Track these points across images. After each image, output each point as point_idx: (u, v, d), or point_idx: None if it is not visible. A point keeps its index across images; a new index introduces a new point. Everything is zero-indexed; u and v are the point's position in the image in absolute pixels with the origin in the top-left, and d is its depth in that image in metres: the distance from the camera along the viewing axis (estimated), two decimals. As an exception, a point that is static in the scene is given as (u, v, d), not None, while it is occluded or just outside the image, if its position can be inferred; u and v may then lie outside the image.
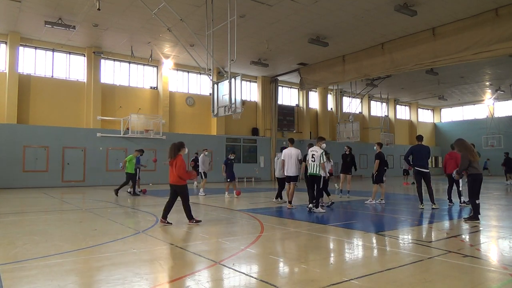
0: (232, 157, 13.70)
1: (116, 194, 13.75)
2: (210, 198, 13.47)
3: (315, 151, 9.25)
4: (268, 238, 6.23)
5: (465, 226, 7.35)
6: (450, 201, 10.65)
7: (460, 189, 10.68)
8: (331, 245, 5.90)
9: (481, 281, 4.00)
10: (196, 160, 17.52)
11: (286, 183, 10.45)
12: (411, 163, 10.07)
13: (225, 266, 4.44)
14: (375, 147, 11.64)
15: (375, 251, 5.43)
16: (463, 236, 6.40)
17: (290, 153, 10.07)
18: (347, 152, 13.53)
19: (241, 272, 4.21)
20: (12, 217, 8.73)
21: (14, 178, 18.26)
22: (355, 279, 3.94)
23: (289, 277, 4.16)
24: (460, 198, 10.67)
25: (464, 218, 8.01)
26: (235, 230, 7.04)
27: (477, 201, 7.68)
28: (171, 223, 7.32)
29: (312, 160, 9.21)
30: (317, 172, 9.21)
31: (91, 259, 4.86)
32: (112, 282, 3.86)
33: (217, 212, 9.67)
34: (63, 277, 4.04)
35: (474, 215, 7.70)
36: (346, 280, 3.88)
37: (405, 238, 6.32)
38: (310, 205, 9.28)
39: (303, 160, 10.11)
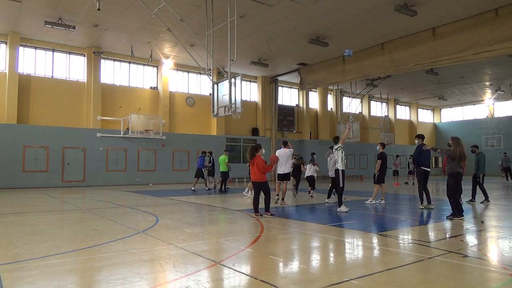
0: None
1: (224, 191, 15.62)
2: (210, 198, 13.47)
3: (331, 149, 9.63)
4: (268, 238, 6.23)
5: (465, 226, 7.36)
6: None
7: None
8: (331, 245, 5.90)
9: (481, 281, 4.00)
10: (210, 162, 17.64)
11: (279, 181, 11.15)
12: (417, 163, 10.09)
13: (225, 266, 4.44)
14: (378, 147, 11.74)
15: (375, 251, 5.43)
16: (463, 236, 6.40)
17: (284, 154, 10.93)
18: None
19: (241, 272, 4.21)
20: (12, 217, 8.73)
21: (14, 178, 18.26)
22: (355, 279, 3.94)
23: (289, 277, 4.16)
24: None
25: (447, 216, 8.13)
26: (235, 230, 7.04)
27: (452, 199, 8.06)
28: (262, 215, 8.31)
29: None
30: (336, 166, 9.59)
31: (91, 259, 4.86)
32: (112, 282, 3.86)
33: (217, 212, 9.67)
34: (63, 277, 4.04)
35: (459, 212, 7.89)
36: (346, 280, 3.88)
37: (405, 238, 6.32)
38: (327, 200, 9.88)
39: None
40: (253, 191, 9.41)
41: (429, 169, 10.12)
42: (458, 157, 8.00)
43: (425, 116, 41.20)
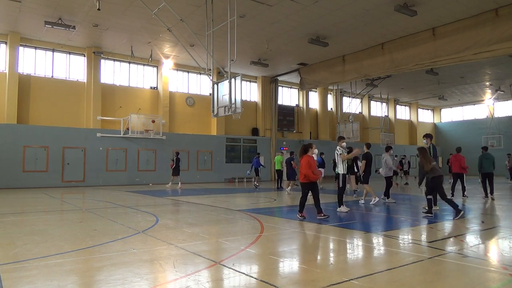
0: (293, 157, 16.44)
1: (280, 187, 17.54)
2: (209, 197, 13.47)
3: (337, 150, 9.61)
4: (268, 238, 6.23)
5: (465, 226, 7.36)
6: (453, 195, 12.46)
7: (465, 185, 12.92)
8: (331, 245, 5.90)
9: (481, 281, 4.00)
10: (176, 161, 18.72)
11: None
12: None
13: (225, 266, 4.44)
14: (364, 148, 11.78)
15: (375, 251, 5.43)
16: (463, 236, 6.40)
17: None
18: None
19: (241, 272, 4.21)
20: (12, 217, 8.73)
21: (14, 178, 18.25)
22: (355, 279, 3.94)
23: (289, 277, 4.16)
24: (463, 192, 12.81)
25: (423, 211, 8.94)
26: (235, 230, 7.04)
27: (428, 197, 8.89)
28: (305, 217, 8.10)
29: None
30: (337, 170, 9.58)
31: (91, 259, 4.86)
32: (112, 282, 3.86)
33: (217, 212, 9.67)
34: (63, 277, 4.05)
35: (429, 210, 8.72)
36: (346, 280, 3.88)
37: (405, 238, 6.32)
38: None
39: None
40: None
41: None
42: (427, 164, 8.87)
43: (425, 116, 41.19)
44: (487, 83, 29.44)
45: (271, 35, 18.56)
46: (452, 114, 40.63)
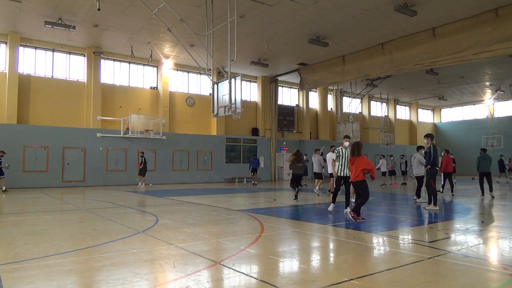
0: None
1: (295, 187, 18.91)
2: (209, 197, 13.47)
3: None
4: (268, 238, 6.23)
5: (466, 226, 7.36)
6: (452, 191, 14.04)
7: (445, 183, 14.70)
8: (331, 245, 5.90)
9: (481, 281, 3.99)
10: (142, 162, 18.60)
11: (316, 178, 14.09)
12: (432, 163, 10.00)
13: (225, 266, 4.44)
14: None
15: (375, 251, 5.43)
16: (463, 236, 6.40)
17: (317, 158, 13.90)
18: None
19: (241, 272, 4.21)
20: (12, 217, 8.73)
21: (14, 178, 18.23)
22: (355, 279, 3.94)
23: (289, 277, 4.16)
24: (442, 189, 14.27)
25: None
26: (235, 230, 7.04)
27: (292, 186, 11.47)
28: (364, 219, 7.76)
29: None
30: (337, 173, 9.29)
31: (91, 259, 4.86)
32: (112, 282, 3.86)
33: (217, 212, 9.67)
34: (63, 277, 4.05)
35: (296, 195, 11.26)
36: (346, 280, 3.88)
37: (405, 238, 6.32)
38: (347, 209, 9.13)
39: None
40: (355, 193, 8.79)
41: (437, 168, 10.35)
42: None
43: (425, 116, 41.19)
44: (487, 83, 29.44)
45: (271, 35, 18.56)
46: (452, 114, 40.63)
